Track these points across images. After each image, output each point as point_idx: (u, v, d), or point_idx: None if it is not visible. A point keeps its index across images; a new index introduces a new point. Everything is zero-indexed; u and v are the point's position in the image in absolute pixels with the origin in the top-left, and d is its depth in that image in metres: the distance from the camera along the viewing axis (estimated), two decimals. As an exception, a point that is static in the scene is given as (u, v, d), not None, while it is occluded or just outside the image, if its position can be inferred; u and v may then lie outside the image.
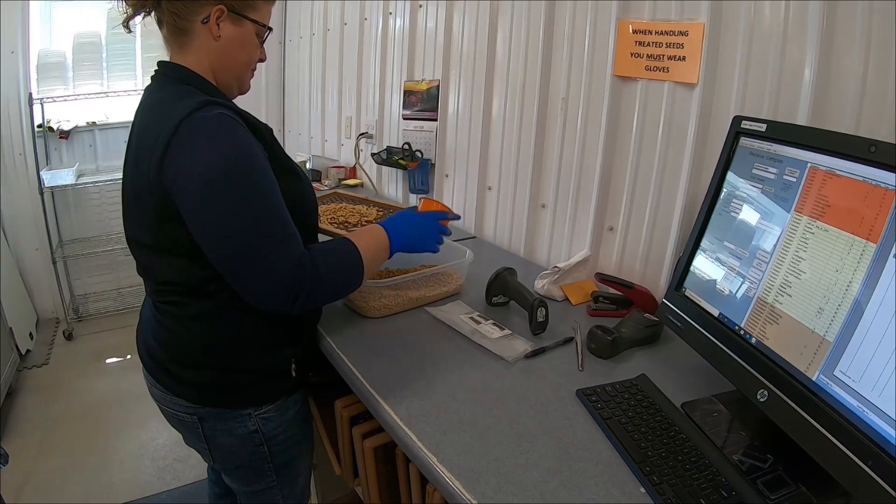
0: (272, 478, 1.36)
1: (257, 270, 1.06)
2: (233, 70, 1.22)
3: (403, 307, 1.51)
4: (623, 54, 1.56)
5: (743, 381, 0.99)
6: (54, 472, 2.55)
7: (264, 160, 1.10)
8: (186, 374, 1.23)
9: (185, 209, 1.05)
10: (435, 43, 2.34)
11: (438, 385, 1.18)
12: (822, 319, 0.87)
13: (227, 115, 1.07)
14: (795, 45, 1.22)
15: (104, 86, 3.87)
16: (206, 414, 1.26)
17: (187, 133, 1.03)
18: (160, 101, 1.13)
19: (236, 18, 1.16)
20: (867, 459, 0.76)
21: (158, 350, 1.25)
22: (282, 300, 1.08)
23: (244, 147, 1.06)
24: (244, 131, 1.08)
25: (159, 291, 1.23)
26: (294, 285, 1.07)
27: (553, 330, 1.40)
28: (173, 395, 1.25)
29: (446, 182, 2.40)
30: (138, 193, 1.11)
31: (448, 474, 0.93)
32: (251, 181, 1.05)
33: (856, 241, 0.84)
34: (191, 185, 1.03)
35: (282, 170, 1.17)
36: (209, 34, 1.15)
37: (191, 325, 1.20)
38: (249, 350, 1.24)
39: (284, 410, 1.32)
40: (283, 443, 1.34)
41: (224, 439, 1.29)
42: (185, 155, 1.03)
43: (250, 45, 1.22)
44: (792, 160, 0.99)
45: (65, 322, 3.86)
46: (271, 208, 1.08)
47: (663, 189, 1.53)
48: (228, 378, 1.24)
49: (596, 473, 0.94)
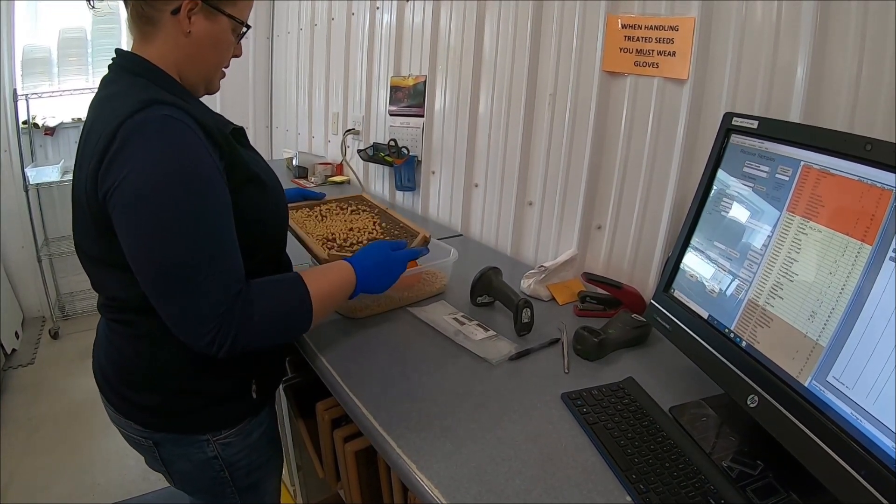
0: (235, 500, 1.27)
1: (180, 303, 0.94)
2: (201, 70, 1.10)
3: (386, 307, 1.47)
4: (612, 49, 1.53)
5: (733, 386, 0.96)
6: (38, 472, 2.53)
7: (213, 173, 0.96)
8: (136, 397, 1.14)
9: (116, 223, 0.94)
10: (422, 38, 2.31)
11: (420, 388, 1.15)
12: (814, 323, 0.84)
13: (170, 118, 0.93)
14: (788, 41, 1.19)
15: (90, 81, 3.82)
16: (161, 439, 1.17)
17: (124, 138, 0.90)
18: (109, 97, 1.01)
19: (210, 13, 1.04)
20: (860, 469, 0.73)
21: (110, 370, 1.17)
22: (204, 344, 0.95)
23: (186, 157, 0.93)
24: (192, 137, 0.94)
25: (108, 308, 1.13)
26: (219, 329, 0.95)
27: (539, 331, 1.37)
28: (125, 418, 1.17)
29: (432, 179, 2.38)
30: (79, 201, 1.00)
31: (427, 482, 0.91)
32: (189, 198, 0.92)
33: (850, 243, 0.81)
34: (121, 198, 0.91)
35: (244, 179, 1.05)
36: (178, 28, 1.03)
37: (139, 346, 1.11)
38: (202, 373, 1.12)
39: (247, 434, 1.22)
40: (245, 467, 1.24)
41: (182, 464, 1.20)
42: (119, 163, 0.90)
43: (224, 43, 1.10)
44: (784, 158, 0.96)
45: (51, 321, 3.81)
46: (209, 231, 0.95)
47: (652, 187, 1.51)
48: (181, 402, 1.14)
49: (580, 481, 0.91)
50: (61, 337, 3.73)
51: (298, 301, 1.06)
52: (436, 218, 2.39)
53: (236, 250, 0.99)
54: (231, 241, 0.99)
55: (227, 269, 0.97)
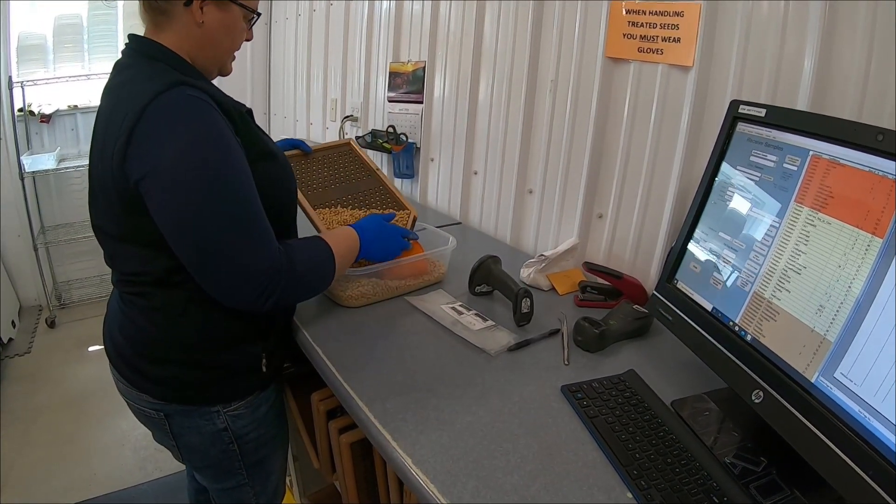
0: (243, 476, 1.31)
1: (229, 268, 1.00)
2: (214, 56, 1.14)
3: (383, 296, 1.45)
4: (615, 35, 1.50)
5: (737, 381, 0.94)
6: (35, 463, 2.53)
7: (237, 148, 1.03)
8: (150, 369, 1.17)
9: (151, 202, 0.98)
10: (422, 22, 2.27)
11: (416, 379, 1.13)
12: (822, 318, 0.82)
13: (196, 98, 0.98)
14: (796, 30, 1.16)
15: (86, 68, 3.81)
16: (172, 411, 1.20)
17: (153, 119, 0.95)
18: (128, 81, 1.04)
19: (222, 3, 1.08)
20: (867, 468, 0.71)
21: (123, 343, 1.19)
22: (253, 299, 1.02)
23: (215, 135, 0.99)
24: (216, 116, 1.00)
25: (125, 282, 1.17)
26: (269, 284, 1.02)
27: (538, 321, 1.35)
28: (138, 391, 1.20)
29: (431, 166, 2.35)
30: (103, 183, 1.04)
31: (423, 477, 0.89)
32: (222, 173, 0.98)
33: (860, 236, 0.78)
34: (156, 177, 0.96)
35: (257, 154, 1.10)
36: (191, 18, 1.06)
37: (155, 318, 1.14)
38: (216, 345, 1.17)
39: (256, 407, 1.26)
40: (254, 441, 1.28)
41: (192, 437, 1.23)
42: (150, 144, 0.95)
43: (236, 30, 1.14)
44: (793, 147, 0.93)
45: (47, 309, 3.81)
46: (244, 201, 1.01)
47: (655, 175, 1.48)
48: (194, 374, 1.17)
49: (580, 477, 0.89)
50: (58, 326, 3.72)
51: (326, 255, 1.16)
52: (434, 205, 2.37)
53: (265, 216, 1.05)
54: (260, 208, 1.05)
55: (263, 231, 1.04)
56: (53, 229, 3.89)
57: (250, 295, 1.02)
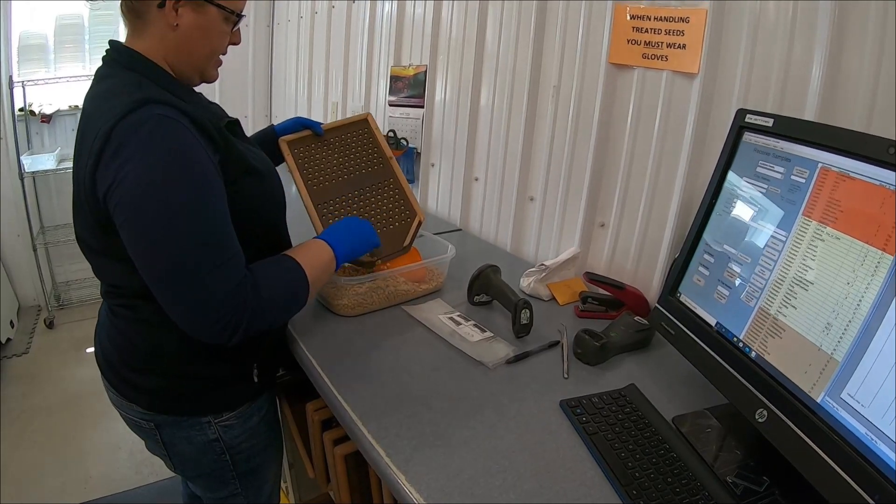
0: (236, 486, 1.29)
1: (190, 297, 0.95)
2: (192, 61, 1.09)
3: (379, 305, 1.43)
4: (619, 41, 1.48)
5: (741, 399, 0.92)
6: (31, 465, 2.52)
7: (209, 168, 0.98)
8: (139, 379, 1.16)
9: (118, 222, 0.95)
10: (423, 26, 2.25)
11: (412, 393, 1.11)
12: (830, 336, 0.79)
13: (164, 117, 0.94)
14: (803, 38, 1.14)
15: (87, 68, 3.79)
16: (163, 421, 1.18)
17: (119, 139, 0.91)
18: (103, 94, 1.01)
19: (197, 4, 1.03)
20: (874, 493, 0.69)
21: (112, 353, 1.18)
22: (216, 332, 0.97)
23: (182, 156, 0.94)
24: (187, 135, 0.95)
25: (110, 293, 1.15)
26: (232, 316, 0.96)
27: (538, 332, 1.33)
28: (128, 401, 1.18)
29: (432, 171, 2.33)
30: (79, 197, 1.02)
31: (416, 495, 0.87)
32: (188, 195, 0.94)
33: (870, 252, 0.76)
34: (121, 198, 0.92)
35: (241, 171, 1.07)
36: (166, 21, 1.02)
37: (140, 329, 1.12)
38: (204, 356, 1.14)
39: (247, 418, 1.24)
40: (246, 451, 1.26)
41: (183, 447, 1.21)
42: (116, 164, 0.91)
43: (214, 33, 1.08)
44: (801, 159, 0.90)
45: (46, 310, 3.80)
46: (210, 226, 0.96)
47: (659, 184, 1.46)
48: (182, 385, 1.16)
49: (578, 496, 0.87)
50: (56, 326, 3.70)
51: (298, 278, 1.09)
52: (434, 212, 2.35)
53: (235, 241, 1.01)
54: (229, 233, 1.00)
55: (229, 259, 0.98)
56: (53, 229, 3.87)
57: (211, 329, 0.97)
